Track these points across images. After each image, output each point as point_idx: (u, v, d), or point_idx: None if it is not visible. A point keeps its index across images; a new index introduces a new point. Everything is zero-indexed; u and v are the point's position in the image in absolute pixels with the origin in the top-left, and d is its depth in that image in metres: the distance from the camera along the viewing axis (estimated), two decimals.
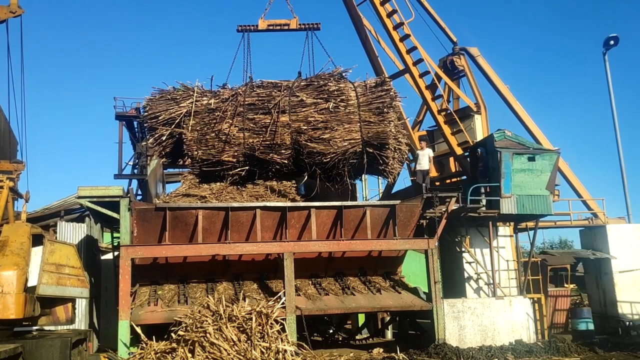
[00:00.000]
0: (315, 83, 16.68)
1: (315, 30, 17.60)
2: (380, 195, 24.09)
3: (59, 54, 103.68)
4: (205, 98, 16.41)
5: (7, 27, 16.11)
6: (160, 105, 16.33)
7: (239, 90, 16.55)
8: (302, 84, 16.74)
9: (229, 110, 16.23)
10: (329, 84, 16.52)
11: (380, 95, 16.45)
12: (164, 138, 16.26)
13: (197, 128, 16.08)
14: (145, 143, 17.15)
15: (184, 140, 16.03)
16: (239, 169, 16.37)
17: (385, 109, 16.23)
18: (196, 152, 16.03)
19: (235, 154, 16.18)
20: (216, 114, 16.18)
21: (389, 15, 19.42)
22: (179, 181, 22.87)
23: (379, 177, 20.28)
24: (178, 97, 16.42)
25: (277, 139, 15.96)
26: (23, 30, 16.65)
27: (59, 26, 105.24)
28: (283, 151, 16.14)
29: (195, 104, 16.27)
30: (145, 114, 16.40)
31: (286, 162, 16.27)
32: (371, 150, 16.24)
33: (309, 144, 16.02)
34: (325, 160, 16.13)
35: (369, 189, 27.13)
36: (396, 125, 16.38)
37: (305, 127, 16.01)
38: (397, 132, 16.36)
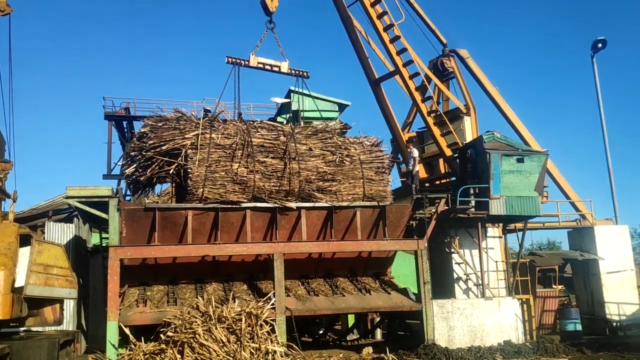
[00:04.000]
0: (320, 134, 16.90)
1: (305, 78, 17.78)
2: None
3: (49, 53, 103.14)
4: (207, 131, 15.50)
5: None
6: (164, 133, 15.28)
7: (243, 127, 16.04)
8: (307, 131, 16.89)
9: (238, 149, 15.55)
10: (334, 137, 16.87)
11: (379, 156, 17.17)
12: (171, 171, 15.21)
13: (205, 164, 15.16)
14: (133, 171, 15.41)
15: (190, 175, 14.99)
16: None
17: (384, 170, 17.01)
18: (201, 189, 15.00)
19: (244, 195, 15.55)
20: (227, 151, 15.43)
21: (380, 16, 19.48)
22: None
23: None
24: (181, 127, 15.42)
25: (291, 185, 15.82)
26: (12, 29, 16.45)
27: (48, 25, 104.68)
28: (290, 197, 16.00)
29: (200, 137, 15.25)
30: (151, 141, 15.10)
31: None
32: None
33: (316, 194, 16.14)
34: None
35: None
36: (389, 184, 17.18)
37: (314, 177, 16.11)
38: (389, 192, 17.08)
